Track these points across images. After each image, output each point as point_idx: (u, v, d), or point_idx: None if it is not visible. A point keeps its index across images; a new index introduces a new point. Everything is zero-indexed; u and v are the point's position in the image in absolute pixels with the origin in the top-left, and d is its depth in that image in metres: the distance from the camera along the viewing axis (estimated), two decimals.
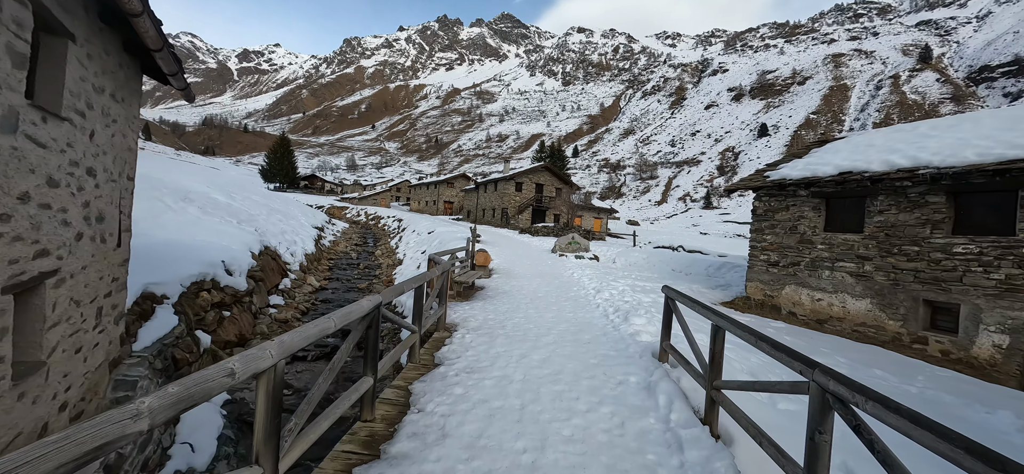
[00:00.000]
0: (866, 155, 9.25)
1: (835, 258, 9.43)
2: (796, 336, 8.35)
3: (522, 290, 9.65)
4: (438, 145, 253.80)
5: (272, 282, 13.55)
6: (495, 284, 10.41)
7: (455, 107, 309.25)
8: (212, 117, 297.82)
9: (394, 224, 43.65)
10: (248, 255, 12.29)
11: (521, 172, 38.28)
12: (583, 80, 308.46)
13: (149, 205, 13.56)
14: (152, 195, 14.58)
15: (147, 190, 14.56)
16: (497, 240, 24.16)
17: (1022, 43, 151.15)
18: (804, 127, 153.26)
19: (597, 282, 10.98)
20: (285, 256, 16.97)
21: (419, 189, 64.08)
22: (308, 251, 21.07)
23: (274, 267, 14.54)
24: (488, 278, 11.50)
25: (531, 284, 10.60)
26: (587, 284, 10.65)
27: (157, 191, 15.61)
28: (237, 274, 10.66)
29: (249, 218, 19.54)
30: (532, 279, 11.46)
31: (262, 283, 12.34)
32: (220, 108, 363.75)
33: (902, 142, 9.16)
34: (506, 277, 11.64)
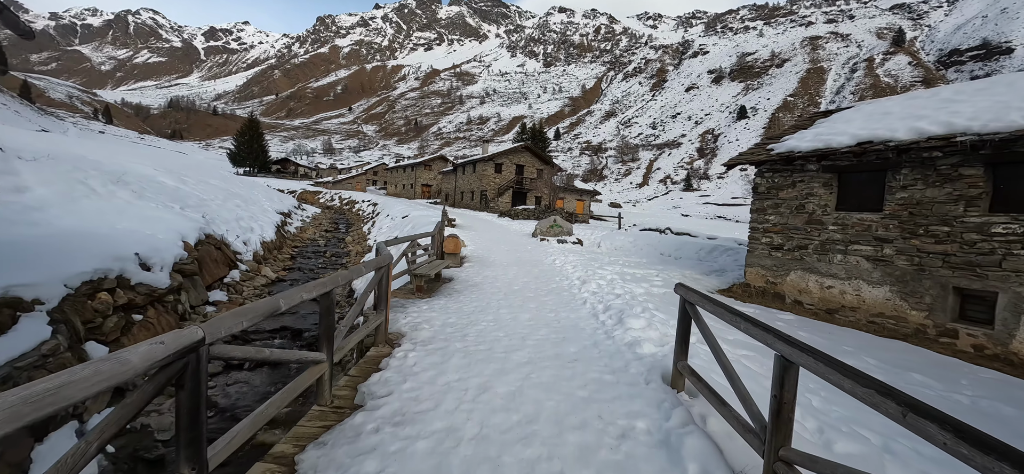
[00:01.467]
0: (885, 124, 8.10)
1: (849, 240, 8.34)
2: (809, 330, 7.26)
3: (496, 282, 8.30)
4: (418, 128, 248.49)
5: (215, 275, 11.85)
6: (466, 275, 9.02)
7: (434, 89, 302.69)
8: (178, 99, 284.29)
9: (369, 209, 41.87)
10: (178, 245, 10.54)
11: (500, 153, 36.64)
12: (565, 61, 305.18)
13: (67, 188, 11.63)
14: (74, 177, 12.60)
15: (71, 172, 12.61)
16: (474, 224, 22.71)
17: (990, 27, 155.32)
18: (782, 109, 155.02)
19: (582, 270, 9.70)
20: (236, 245, 15.21)
21: (396, 172, 61.74)
22: (266, 239, 19.24)
23: (218, 258, 12.81)
24: (459, 268, 10.10)
25: (507, 274, 9.26)
26: (571, 273, 9.36)
27: (82, 173, 13.58)
28: (157, 268, 8.97)
29: (199, 204, 17.64)
30: (509, 268, 10.12)
31: (197, 278, 10.66)
32: (187, 90, 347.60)
33: (927, 108, 8.04)
34: (479, 266, 10.26)
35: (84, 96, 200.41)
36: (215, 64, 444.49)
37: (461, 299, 6.79)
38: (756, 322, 2.60)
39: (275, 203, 32.00)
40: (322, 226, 33.53)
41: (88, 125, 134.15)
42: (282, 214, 28.72)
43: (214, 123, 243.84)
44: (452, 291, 7.49)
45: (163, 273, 9.07)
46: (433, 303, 6.49)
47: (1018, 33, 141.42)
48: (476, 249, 13.03)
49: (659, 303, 6.87)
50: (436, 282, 8.35)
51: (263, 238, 18.86)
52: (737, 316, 2.83)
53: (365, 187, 67.53)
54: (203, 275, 11.25)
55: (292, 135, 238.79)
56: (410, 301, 6.63)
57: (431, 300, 6.76)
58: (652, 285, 9.10)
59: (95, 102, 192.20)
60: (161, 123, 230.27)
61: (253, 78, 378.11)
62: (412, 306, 6.18)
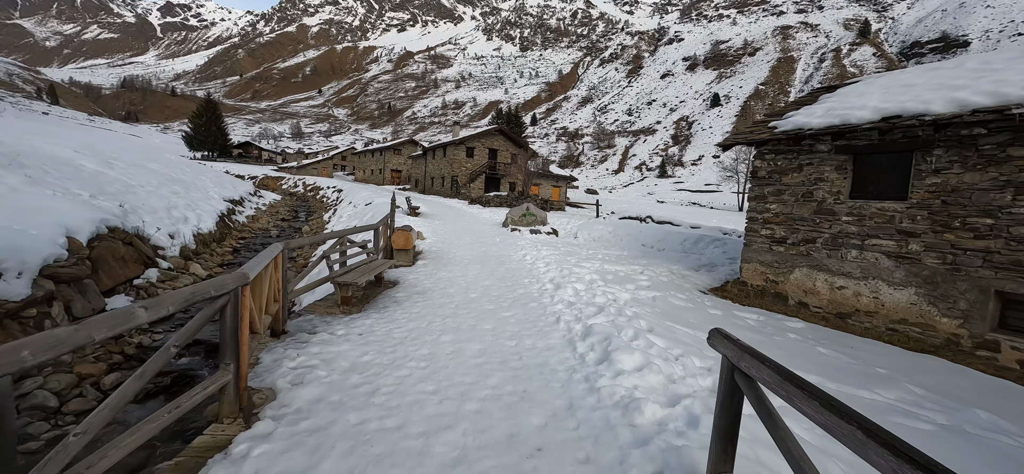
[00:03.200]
0: (913, 95, 6.83)
1: (866, 233, 7.10)
2: (827, 342, 5.97)
3: (450, 287, 6.70)
4: (391, 112, 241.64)
5: (121, 276, 9.81)
6: (415, 277, 7.38)
7: (408, 72, 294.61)
8: (133, 78, 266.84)
9: (333, 195, 39.56)
10: (58, 243, 8.47)
11: (472, 136, 34.65)
12: (541, 46, 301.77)
13: None
14: None
15: None
16: (440, 213, 20.94)
17: (949, 21, 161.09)
18: (753, 98, 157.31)
19: (556, 269, 8.19)
20: (159, 239, 13.08)
21: (364, 157, 58.75)
22: (203, 230, 17.01)
23: (127, 255, 10.72)
24: (410, 267, 8.44)
25: (466, 275, 7.67)
26: (543, 273, 7.84)
27: None
28: (13, 274, 6.98)
29: (122, 191, 15.36)
30: (470, 267, 8.53)
31: (89, 282, 8.65)
32: (143, 69, 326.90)
33: (960, 78, 6.80)
34: (435, 265, 8.63)
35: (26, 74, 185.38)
36: (173, 42, 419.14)
37: (397, 315, 5.17)
38: None
39: (226, 189, 29.45)
40: (279, 214, 31.13)
41: (29, 105, 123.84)
42: (231, 202, 26.28)
43: (173, 105, 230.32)
44: (390, 302, 5.85)
45: (21, 280, 7.06)
46: (357, 323, 4.85)
47: (974, 27, 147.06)
48: (436, 242, 11.36)
49: (652, 317, 5.44)
50: (376, 287, 6.68)
51: (198, 230, 16.63)
52: (855, 424, 1.32)
53: (332, 173, 64.22)
54: (100, 277, 9.23)
55: (258, 118, 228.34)
56: (329, 319, 4.96)
57: (356, 318, 5.11)
58: (638, 286, 7.68)
59: (38, 81, 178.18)
60: (114, 104, 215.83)
61: (215, 58, 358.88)
62: (324, 329, 4.52)
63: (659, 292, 7.34)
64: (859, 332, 7.03)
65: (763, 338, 5.66)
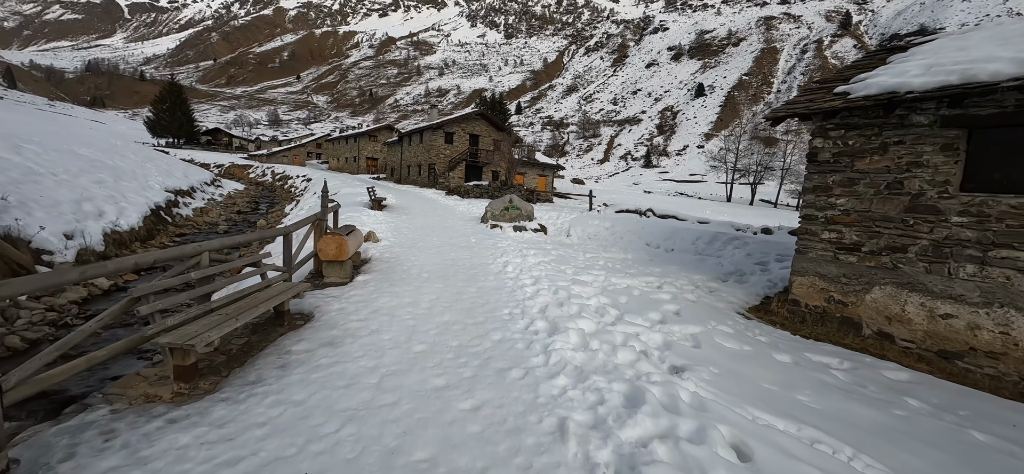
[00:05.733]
0: None
1: (991, 242, 4.98)
2: (968, 412, 3.83)
3: (387, 329, 4.32)
4: (373, 99, 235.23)
5: None
6: (342, 308, 4.99)
7: (391, 58, 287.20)
8: (98, 62, 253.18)
9: (302, 185, 36.72)
10: None
11: (451, 120, 31.88)
12: (526, 33, 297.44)
13: None
14: None
15: None
16: (411, 205, 18.41)
17: (927, 13, 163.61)
18: (737, 88, 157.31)
19: (549, 290, 5.85)
20: (46, 240, 10.39)
21: (339, 145, 55.26)
22: (123, 227, 14.27)
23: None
24: (344, 285, 6.02)
25: (419, 302, 5.30)
26: (530, 297, 5.49)
27: None
28: None
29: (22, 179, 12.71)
30: (429, 284, 6.16)
31: None
32: (110, 52, 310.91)
33: None
34: (382, 281, 6.24)
35: None
36: (142, 24, 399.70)
37: (262, 410, 2.79)
38: None
39: (175, 179, 26.45)
40: (236, 206, 28.15)
41: None
42: (175, 192, 23.36)
43: (142, 90, 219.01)
44: (274, 366, 3.46)
45: None
46: (166, 437, 2.45)
47: (951, 20, 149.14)
48: (395, 245, 8.93)
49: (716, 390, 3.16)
50: (274, 328, 4.27)
51: (115, 226, 13.84)
52: None
53: (304, 161, 60.54)
54: None
55: (233, 104, 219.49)
56: (132, 416, 2.56)
57: (183, 416, 2.71)
58: (665, 315, 5.43)
59: None
60: (78, 89, 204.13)
61: (187, 41, 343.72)
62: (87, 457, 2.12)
63: (697, 325, 5.09)
64: (972, 382, 4.93)
65: (882, 416, 3.52)
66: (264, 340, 4.11)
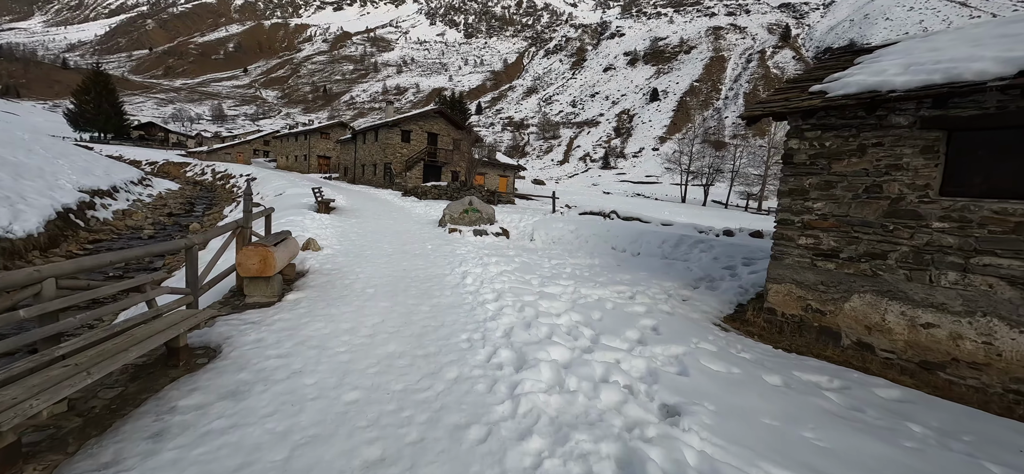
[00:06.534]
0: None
1: (973, 248, 4.77)
2: (972, 439, 3.51)
3: (317, 365, 3.44)
4: (327, 96, 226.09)
5: None
6: (261, 338, 4.04)
7: (346, 54, 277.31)
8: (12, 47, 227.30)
9: (246, 184, 33.98)
10: None
11: (408, 117, 30.54)
12: (486, 33, 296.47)
13: None
14: None
15: None
16: (363, 207, 17.20)
17: (856, 30, 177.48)
18: (689, 94, 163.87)
19: (514, 307, 5.14)
20: None
21: (288, 142, 52.05)
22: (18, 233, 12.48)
23: None
24: (271, 305, 5.04)
25: (360, 327, 4.43)
26: (491, 316, 4.74)
27: None
28: None
29: None
30: (375, 302, 5.30)
31: None
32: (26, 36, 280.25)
33: None
34: (319, 298, 5.31)
35: None
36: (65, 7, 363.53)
37: None
38: None
39: (93, 177, 23.80)
40: (167, 208, 25.65)
41: None
42: (92, 193, 20.96)
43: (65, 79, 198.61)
44: (134, 445, 2.52)
45: None
46: None
47: (876, 37, 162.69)
48: (340, 253, 7.92)
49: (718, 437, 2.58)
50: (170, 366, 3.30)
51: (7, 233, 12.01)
52: None
53: (250, 159, 56.67)
54: None
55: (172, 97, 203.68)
56: None
57: None
58: (643, 332, 4.88)
59: None
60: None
61: (118, 27, 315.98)
62: None
63: (679, 345, 4.57)
64: (963, 395, 4.72)
65: (893, 452, 3.13)
66: (146, 389, 3.13)
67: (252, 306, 5.03)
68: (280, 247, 5.48)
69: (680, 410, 2.99)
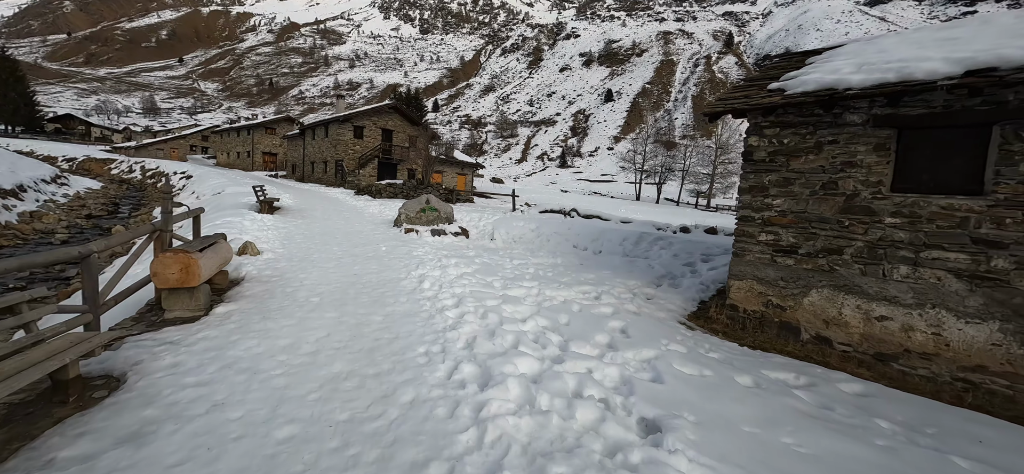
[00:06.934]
0: (990, 43, 4.74)
1: (922, 242, 4.93)
2: (933, 430, 3.55)
3: (246, 394, 2.90)
4: (274, 89, 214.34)
5: None
6: (177, 363, 3.43)
7: (294, 46, 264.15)
8: None
9: (180, 182, 31.71)
10: None
11: (361, 112, 29.21)
12: (442, 30, 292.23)
13: None
14: None
15: None
16: (312, 206, 16.15)
17: (791, 39, 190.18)
18: (641, 95, 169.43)
19: (473, 311, 4.78)
20: None
21: (229, 137, 48.61)
22: None
23: None
24: (197, 320, 4.39)
25: (301, 343, 3.86)
26: (451, 326, 4.31)
27: None
28: None
29: None
30: (320, 312, 4.75)
31: None
32: None
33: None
34: (254, 310, 4.70)
35: None
36: None
37: None
38: None
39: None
40: (86, 209, 23.26)
41: None
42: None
43: None
44: None
45: None
46: None
47: (809, 44, 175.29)
48: (280, 258, 7.20)
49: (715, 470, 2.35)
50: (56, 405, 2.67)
51: None
52: None
53: (186, 155, 52.44)
54: None
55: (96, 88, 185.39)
56: None
57: None
58: (612, 335, 4.67)
59: None
60: None
61: (30, 8, 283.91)
62: None
63: (649, 348, 4.39)
64: (916, 385, 4.85)
65: (869, 452, 3.09)
66: (18, 437, 2.50)
67: (172, 323, 4.34)
68: (208, 253, 4.80)
69: (661, 425, 2.75)
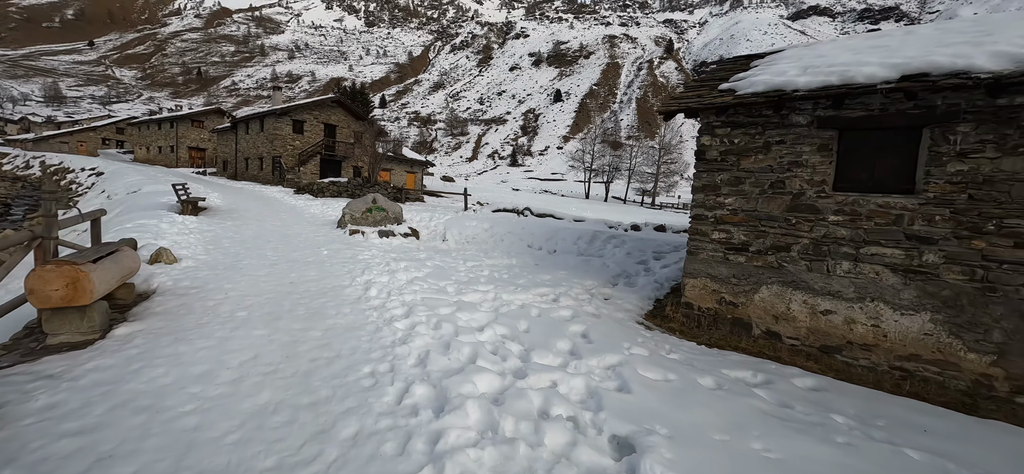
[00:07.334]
0: (922, 53, 5.03)
1: (862, 239, 5.16)
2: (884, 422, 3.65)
3: (143, 441, 2.33)
4: (203, 79, 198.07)
5: None
6: (58, 406, 2.76)
7: (226, 33, 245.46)
8: None
9: (89, 180, 28.39)
10: None
11: (301, 105, 27.38)
12: (389, 23, 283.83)
13: None
14: None
15: None
16: (242, 208, 14.83)
17: (725, 47, 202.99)
18: (589, 96, 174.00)
19: (426, 321, 4.37)
20: None
21: (149, 130, 44.02)
22: None
23: None
24: (87, 349, 3.66)
25: (220, 372, 3.27)
26: (401, 340, 3.85)
27: None
28: None
29: None
30: (246, 331, 4.15)
31: None
32: None
33: (961, 38, 5.24)
34: (159, 334, 4.02)
35: None
36: None
37: None
38: None
39: None
40: None
41: None
42: None
43: None
44: None
45: None
46: None
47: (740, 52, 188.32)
48: (202, 265, 6.38)
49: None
50: None
51: None
52: None
53: (96, 150, 46.91)
54: None
55: None
56: None
57: None
58: (573, 340, 4.48)
59: None
60: None
61: None
62: None
63: (613, 353, 4.23)
64: (854, 377, 5.06)
65: (834, 453, 3.09)
66: None
67: (56, 350, 3.58)
68: (106, 263, 4.04)
69: (635, 444, 2.55)
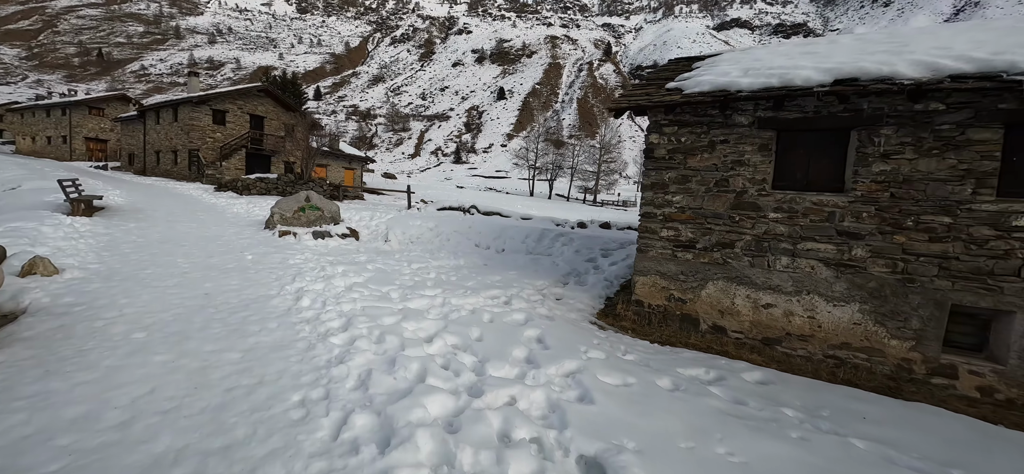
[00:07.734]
0: (852, 59, 5.34)
1: (799, 235, 5.40)
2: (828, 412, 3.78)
3: None
4: (106, 62, 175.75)
5: None
6: None
7: (132, 11, 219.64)
8: None
9: None
10: None
11: (223, 93, 24.83)
12: (324, 11, 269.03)
13: None
14: None
15: None
16: (151, 207, 13.14)
17: (658, 53, 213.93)
18: (532, 95, 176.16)
19: (367, 334, 3.88)
20: None
21: (36, 118, 38.04)
22: None
23: None
24: None
25: (104, 414, 2.59)
26: (338, 358, 3.32)
27: None
28: None
29: None
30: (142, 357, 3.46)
31: None
32: None
33: (881, 48, 5.62)
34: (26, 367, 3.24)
35: None
36: None
37: None
38: None
39: None
40: None
41: None
42: None
43: None
44: None
45: None
46: None
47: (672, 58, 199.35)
48: (92, 276, 5.42)
49: None
50: None
51: None
52: None
53: None
54: None
55: None
56: None
57: None
58: (529, 346, 4.24)
59: None
60: None
61: None
62: None
63: (570, 359, 4.04)
64: (794, 366, 5.28)
65: (793, 450, 3.11)
66: None
67: None
68: None
69: (605, 464, 2.34)
